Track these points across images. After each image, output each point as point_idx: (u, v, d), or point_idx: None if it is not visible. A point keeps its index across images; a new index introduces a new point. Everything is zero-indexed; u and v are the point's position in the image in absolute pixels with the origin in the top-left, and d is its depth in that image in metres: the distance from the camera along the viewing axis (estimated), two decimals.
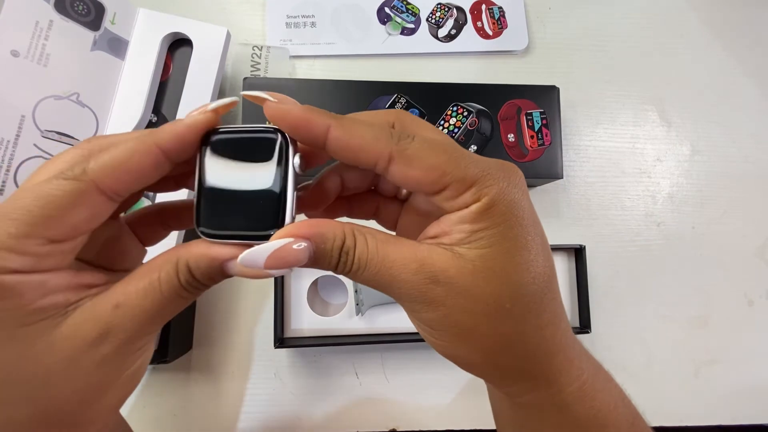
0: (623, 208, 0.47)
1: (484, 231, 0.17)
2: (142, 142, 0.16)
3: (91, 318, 0.15)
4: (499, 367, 0.19)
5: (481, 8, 0.49)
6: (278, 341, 0.37)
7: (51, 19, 0.33)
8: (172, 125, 0.16)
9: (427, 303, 0.17)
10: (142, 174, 0.16)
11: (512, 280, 0.17)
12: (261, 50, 0.45)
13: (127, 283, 0.16)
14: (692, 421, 0.43)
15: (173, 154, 0.16)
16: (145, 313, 0.16)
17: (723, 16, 0.51)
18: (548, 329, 0.18)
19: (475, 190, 0.17)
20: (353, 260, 0.17)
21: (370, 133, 0.16)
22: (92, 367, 0.16)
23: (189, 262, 0.16)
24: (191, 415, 0.40)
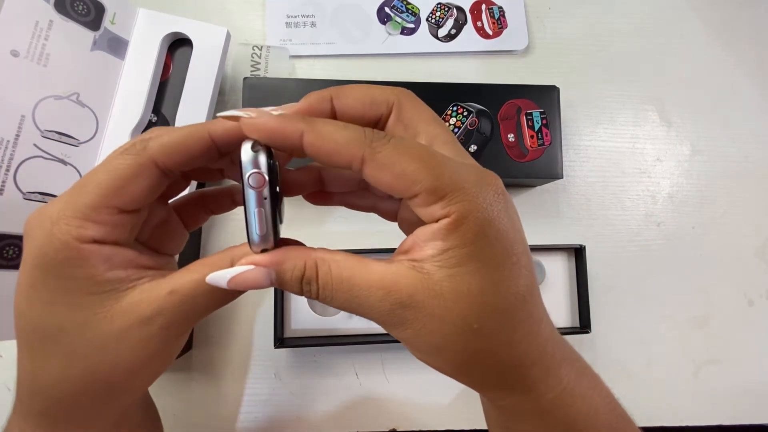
0: (623, 208, 0.47)
1: (454, 250, 0.17)
2: (197, 129, 0.18)
3: (147, 298, 0.17)
4: (474, 379, 0.20)
5: (481, 8, 0.49)
6: (278, 341, 0.37)
7: (51, 19, 0.33)
8: (225, 122, 0.18)
9: (399, 324, 0.18)
10: (193, 155, 0.18)
11: (480, 300, 0.17)
12: (261, 50, 0.45)
13: (183, 273, 0.18)
14: (692, 421, 0.43)
15: (222, 145, 0.18)
16: (194, 303, 0.18)
17: (723, 16, 0.51)
18: (521, 345, 0.18)
19: (444, 204, 0.16)
20: (317, 289, 0.18)
21: (342, 136, 0.16)
22: (141, 342, 0.17)
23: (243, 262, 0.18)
24: (191, 415, 0.40)
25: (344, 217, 0.44)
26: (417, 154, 0.17)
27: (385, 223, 0.23)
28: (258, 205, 0.17)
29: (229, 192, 0.23)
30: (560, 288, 0.42)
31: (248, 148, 0.17)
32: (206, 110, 0.39)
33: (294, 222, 0.43)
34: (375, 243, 0.40)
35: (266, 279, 0.18)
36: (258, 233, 0.17)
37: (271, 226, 0.18)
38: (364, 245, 0.41)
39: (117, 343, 0.17)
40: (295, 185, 0.21)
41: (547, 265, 0.42)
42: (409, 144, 0.17)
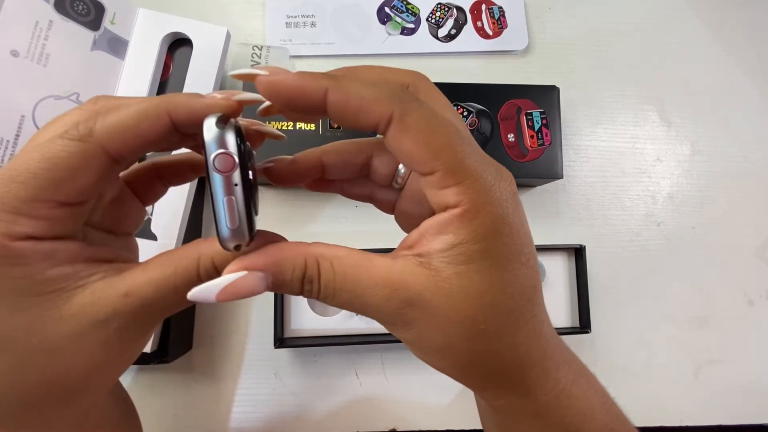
0: (623, 208, 0.47)
1: (464, 245, 0.16)
2: (155, 107, 0.15)
3: (100, 301, 0.16)
4: (474, 379, 0.19)
5: (481, 8, 0.49)
6: (278, 341, 0.37)
7: (51, 19, 0.33)
8: (189, 99, 0.16)
9: (403, 324, 0.17)
10: (150, 139, 0.16)
11: (488, 300, 0.16)
12: (261, 50, 0.45)
13: (141, 272, 0.16)
14: (692, 421, 0.43)
15: (183, 127, 0.16)
16: (154, 305, 0.16)
17: (723, 16, 0.51)
18: (524, 346, 0.18)
19: (459, 190, 0.15)
20: (319, 288, 0.16)
21: (370, 93, 0.15)
22: (96, 346, 0.16)
23: (215, 258, 0.16)
24: (191, 415, 0.40)
25: (344, 216, 0.44)
26: (445, 129, 0.15)
27: (386, 222, 0.23)
28: (227, 193, 0.15)
29: (189, 160, 0.20)
30: (560, 288, 0.42)
31: (212, 124, 0.14)
32: None
33: (292, 221, 0.43)
34: (376, 243, 0.40)
35: (262, 284, 0.16)
36: (228, 226, 0.15)
37: (245, 217, 0.15)
38: (363, 245, 0.41)
39: (70, 347, 0.16)
40: (297, 174, 0.19)
41: (547, 265, 0.42)
42: (440, 116, 0.16)
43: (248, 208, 0.15)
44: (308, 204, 0.44)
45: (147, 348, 0.34)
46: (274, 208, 0.43)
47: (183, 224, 0.37)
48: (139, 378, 0.40)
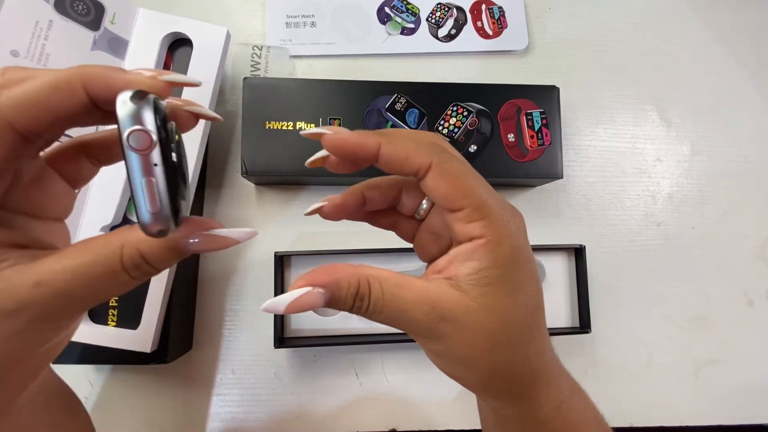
0: (623, 208, 0.47)
1: (488, 270, 0.19)
2: (67, 79, 0.14)
3: (9, 290, 0.14)
4: (490, 388, 0.21)
5: (481, 8, 0.49)
6: (278, 341, 0.37)
7: (51, 19, 0.33)
8: (107, 71, 0.15)
9: (436, 338, 0.19)
10: (64, 114, 0.14)
11: (508, 317, 0.19)
12: (261, 50, 0.45)
13: (56, 260, 0.15)
14: (692, 421, 0.43)
15: (101, 103, 0.15)
16: (70, 295, 0.15)
17: (723, 16, 0.51)
18: (534, 359, 0.21)
19: (483, 224, 0.18)
20: (368, 305, 0.18)
21: (414, 145, 0.19)
22: (6, 337, 0.15)
23: (141, 247, 0.16)
24: (191, 415, 0.40)
25: None
26: (472, 176, 0.19)
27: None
28: (145, 174, 0.14)
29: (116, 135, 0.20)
30: (560, 288, 0.42)
31: (126, 99, 0.13)
32: None
33: (293, 221, 0.43)
34: (375, 243, 0.40)
35: (322, 299, 0.18)
36: (149, 210, 0.14)
37: (167, 200, 0.14)
38: (362, 245, 0.41)
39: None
40: (346, 210, 0.22)
41: (547, 265, 0.42)
42: (467, 166, 0.19)
43: (171, 190, 0.14)
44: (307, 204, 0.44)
45: (147, 348, 0.34)
46: (275, 207, 0.43)
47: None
48: (139, 378, 0.40)
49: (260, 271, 0.42)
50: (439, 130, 0.41)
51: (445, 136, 0.41)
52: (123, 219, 0.37)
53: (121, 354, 0.34)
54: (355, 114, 0.40)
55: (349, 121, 0.40)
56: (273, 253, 0.39)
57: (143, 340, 0.34)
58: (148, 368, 0.40)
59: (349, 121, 0.40)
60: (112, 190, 0.36)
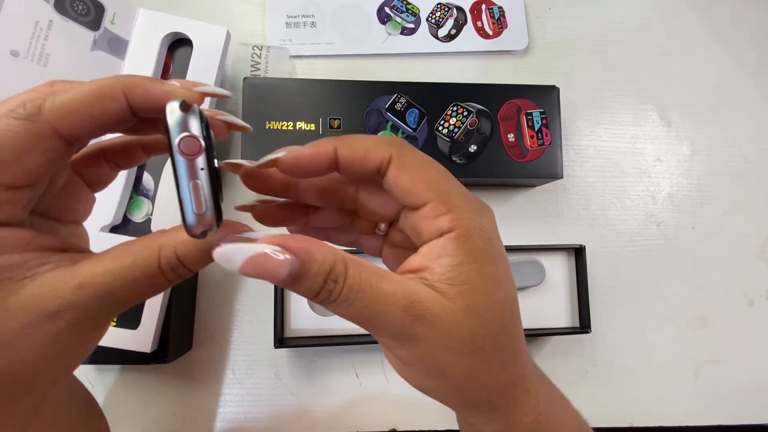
0: (623, 208, 0.47)
1: (462, 266, 0.17)
2: (110, 87, 0.15)
3: (52, 292, 0.15)
4: (467, 399, 0.20)
5: (481, 8, 0.49)
6: (278, 341, 0.37)
7: (51, 19, 0.33)
8: (147, 82, 0.15)
9: (409, 340, 0.17)
10: (105, 121, 0.15)
11: (485, 318, 0.18)
12: (261, 50, 0.45)
13: (96, 263, 0.16)
14: (692, 421, 0.43)
15: (139, 111, 0.15)
16: (110, 297, 0.16)
17: (723, 16, 0.51)
18: (510, 362, 0.19)
19: (451, 217, 0.17)
20: (341, 290, 0.16)
21: (371, 143, 0.18)
22: (46, 339, 0.15)
23: (178, 250, 0.16)
24: (191, 415, 0.40)
25: None
26: (435, 168, 0.18)
27: None
28: (192, 177, 0.15)
29: (139, 141, 0.20)
30: (560, 288, 0.42)
31: (175, 108, 0.14)
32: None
33: None
34: None
35: (286, 268, 0.15)
36: (195, 211, 0.15)
37: (211, 203, 0.15)
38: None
39: (18, 342, 0.15)
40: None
41: (547, 265, 0.42)
42: (429, 158, 0.18)
43: (215, 193, 0.15)
44: None
45: (147, 348, 0.34)
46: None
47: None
48: (139, 378, 0.40)
49: None
50: (439, 130, 0.41)
51: (445, 136, 0.41)
52: (123, 219, 0.37)
53: (121, 354, 0.34)
54: (355, 114, 0.40)
55: (349, 121, 0.40)
56: None
57: (143, 340, 0.34)
58: (148, 368, 0.40)
59: (349, 121, 0.40)
60: (112, 190, 0.35)
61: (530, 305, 0.42)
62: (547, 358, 0.43)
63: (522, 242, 0.43)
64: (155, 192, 0.37)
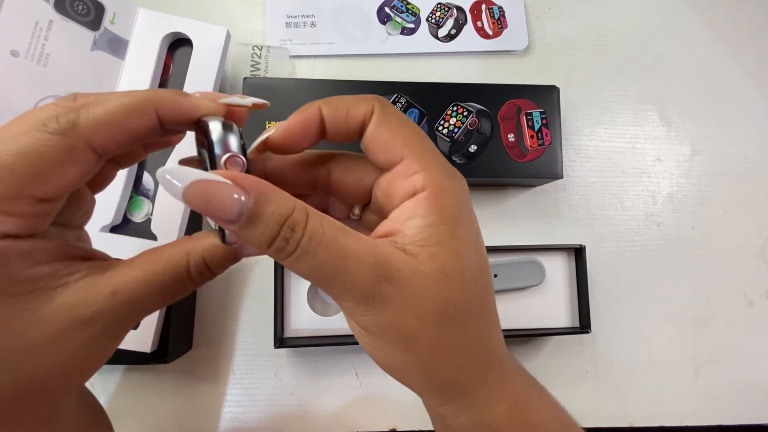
0: (623, 208, 0.47)
1: (434, 226, 0.17)
2: (143, 102, 0.15)
3: (86, 300, 0.15)
4: (437, 381, 0.18)
5: (481, 8, 0.49)
6: (278, 341, 0.37)
7: (51, 19, 0.33)
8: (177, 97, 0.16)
9: (375, 302, 0.16)
10: (137, 135, 0.16)
11: (457, 284, 0.17)
12: (261, 50, 0.45)
13: (127, 270, 0.16)
14: (692, 421, 0.43)
15: (169, 125, 0.16)
16: (141, 303, 0.16)
17: (723, 16, 0.51)
18: (484, 337, 0.18)
19: (426, 175, 0.17)
20: (299, 240, 0.15)
21: (353, 99, 0.18)
22: (79, 345, 0.16)
23: (205, 255, 0.17)
24: (191, 415, 0.40)
25: None
26: (413, 127, 0.18)
27: None
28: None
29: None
30: (560, 288, 0.42)
31: (218, 128, 0.15)
32: None
33: None
34: None
35: (237, 206, 0.14)
36: None
37: None
38: None
39: (52, 349, 0.15)
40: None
41: (547, 265, 0.42)
42: (408, 119, 0.19)
43: None
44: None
45: (147, 348, 0.34)
46: None
47: (183, 224, 0.37)
48: (139, 378, 0.40)
49: (260, 271, 0.42)
50: (439, 130, 0.41)
51: (445, 136, 0.41)
52: (123, 219, 0.37)
53: (121, 354, 0.33)
54: None
55: None
56: None
57: (143, 340, 0.34)
58: (148, 368, 0.40)
59: None
60: (112, 190, 0.36)
61: (530, 305, 0.42)
62: (547, 358, 0.43)
63: (522, 242, 0.43)
64: (155, 192, 0.37)
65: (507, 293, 0.41)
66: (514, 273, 0.41)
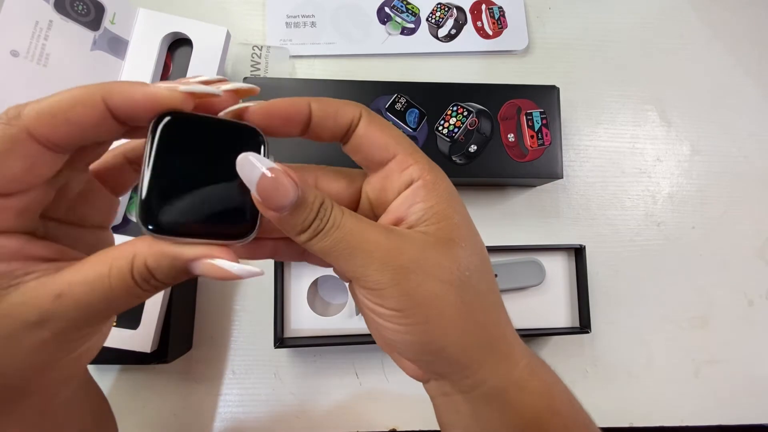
0: (623, 208, 0.47)
1: (436, 207, 0.19)
2: (89, 94, 0.15)
3: (31, 302, 0.15)
4: (467, 343, 0.19)
5: (481, 8, 0.49)
6: (278, 341, 0.37)
7: (51, 19, 0.33)
8: (128, 87, 0.15)
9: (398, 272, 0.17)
10: (85, 127, 0.15)
11: (468, 249, 0.19)
12: (261, 50, 0.45)
13: (75, 271, 0.15)
14: (692, 421, 0.43)
15: (123, 117, 0.15)
16: (89, 306, 0.15)
17: (723, 16, 0.51)
18: (496, 294, 0.20)
19: (418, 167, 0.19)
20: (329, 216, 0.17)
21: (341, 102, 0.19)
22: (31, 348, 0.15)
23: (147, 261, 0.15)
24: (191, 415, 0.40)
25: None
26: (398, 130, 0.20)
27: None
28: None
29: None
30: (560, 288, 0.42)
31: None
32: None
33: None
34: None
35: (294, 193, 0.16)
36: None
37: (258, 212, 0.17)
38: None
39: (4, 350, 0.15)
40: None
41: (547, 265, 0.42)
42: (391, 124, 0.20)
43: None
44: None
45: (147, 348, 0.34)
46: None
47: None
48: (139, 378, 0.40)
49: None
50: (439, 130, 0.41)
51: (445, 136, 0.41)
52: (123, 219, 0.37)
53: (121, 354, 0.34)
54: None
55: None
56: None
57: (143, 340, 0.34)
58: (148, 368, 0.40)
59: None
60: None
61: (530, 305, 0.42)
62: (547, 358, 0.43)
63: (522, 242, 0.43)
64: None
65: (507, 293, 0.41)
66: (514, 273, 0.41)
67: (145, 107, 0.15)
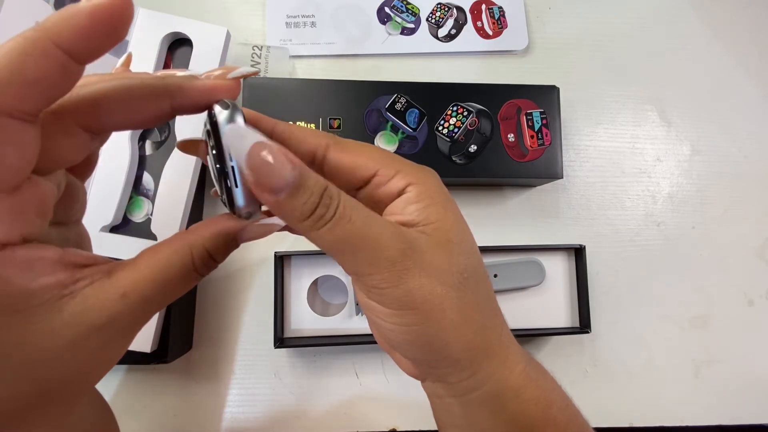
0: (623, 208, 0.47)
1: (429, 208, 0.19)
2: (33, 43, 0.12)
3: (98, 305, 0.15)
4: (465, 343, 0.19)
5: (481, 8, 0.49)
6: (278, 341, 0.37)
7: None
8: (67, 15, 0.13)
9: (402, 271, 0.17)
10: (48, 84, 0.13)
11: (464, 248, 0.19)
12: (261, 50, 0.45)
13: (133, 271, 0.16)
14: (692, 421, 0.43)
15: (81, 55, 0.13)
16: (151, 301, 0.16)
17: (723, 16, 0.51)
18: (492, 296, 0.20)
19: (403, 175, 0.19)
20: (337, 207, 0.16)
21: (309, 131, 0.19)
22: (95, 350, 0.16)
23: (207, 245, 0.17)
24: (191, 415, 0.40)
25: None
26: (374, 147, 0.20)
27: None
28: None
29: (132, 87, 0.18)
30: (560, 288, 0.42)
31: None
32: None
33: None
34: None
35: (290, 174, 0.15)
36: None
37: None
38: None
39: (69, 356, 0.15)
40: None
41: (547, 265, 0.42)
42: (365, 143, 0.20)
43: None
44: None
45: (147, 348, 0.34)
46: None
47: (183, 224, 0.37)
48: (139, 378, 0.40)
49: (260, 271, 0.42)
50: (439, 130, 0.41)
51: (445, 136, 0.41)
52: (123, 219, 0.37)
53: None
54: (355, 114, 0.40)
55: (349, 121, 0.40)
56: (273, 253, 0.39)
57: (143, 340, 0.34)
58: (148, 368, 0.40)
59: (349, 121, 0.40)
60: (112, 190, 0.36)
61: (530, 305, 0.42)
62: (546, 358, 0.43)
63: (522, 242, 0.43)
64: (155, 192, 0.37)
65: (507, 293, 0.41)
66: (514, 273, 0.41)
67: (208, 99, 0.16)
